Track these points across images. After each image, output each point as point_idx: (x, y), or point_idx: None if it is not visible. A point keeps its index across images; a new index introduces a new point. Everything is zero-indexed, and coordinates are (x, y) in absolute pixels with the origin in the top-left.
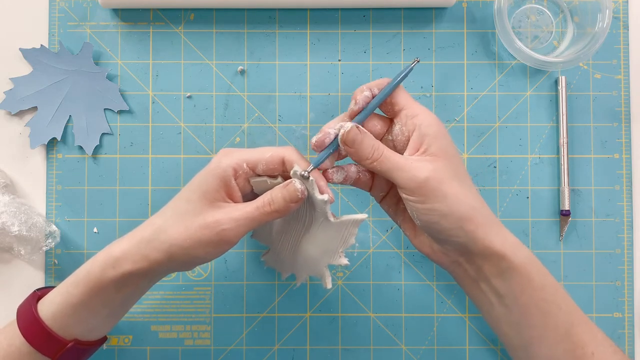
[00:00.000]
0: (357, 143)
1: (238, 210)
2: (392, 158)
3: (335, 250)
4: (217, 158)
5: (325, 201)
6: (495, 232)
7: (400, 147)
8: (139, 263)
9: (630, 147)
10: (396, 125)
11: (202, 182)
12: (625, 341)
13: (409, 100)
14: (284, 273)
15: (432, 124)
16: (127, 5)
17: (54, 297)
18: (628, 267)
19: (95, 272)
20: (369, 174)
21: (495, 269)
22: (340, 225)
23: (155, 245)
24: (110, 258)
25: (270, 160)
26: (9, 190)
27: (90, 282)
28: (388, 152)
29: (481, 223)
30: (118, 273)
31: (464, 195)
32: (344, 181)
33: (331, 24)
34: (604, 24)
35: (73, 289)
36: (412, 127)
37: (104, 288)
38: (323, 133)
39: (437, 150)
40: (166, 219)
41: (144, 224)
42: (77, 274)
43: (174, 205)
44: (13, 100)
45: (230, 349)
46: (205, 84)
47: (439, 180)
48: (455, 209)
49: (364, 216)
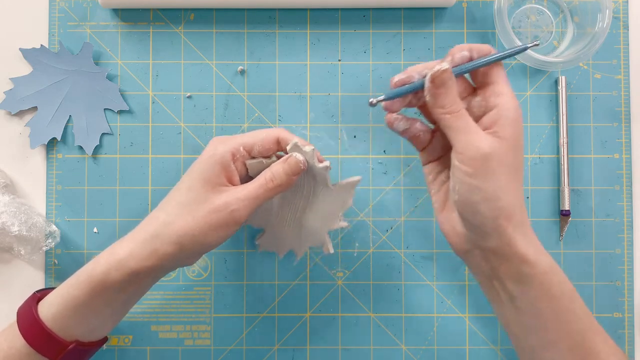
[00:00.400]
0: (446, 87)
1: (242, 190)
2: (466, 118)
3: (335, 215)
4: (212, 146)
5: (326, 167)
6: (524, 236)
7: (473, 119)
8: (147, 260)
9: (630, 147)
10: (478, 96)
11: (203, 170)
12: (626, 341)
13: (501, 77)
14: (282, 251)
15: (513, 108)
16: (127, 5)
17: (55, 298)
18: (628, 267)
19: (99, 272)
20: (430, 134)
21: (513, 272)
22: (339, 189)
23: (163, 238)
24: (114, 258)
25: (266, 140)
26: (9, 190)
27: (93, 282)
28: (464, 112)
29: (515, 222)
30: (123, 273)
31: (514, 188)
32: (402, 133)
33: (331, 24)
34: (604, 24)
35: (74, 290)
36: (493, 105)
37: (107, 288)
38: (407, 74)
39: (508, 135)
40: (169, 211)
41: (145, 221)
42: (79, 275)
43: (175, 196)
44: (13, 100)
45: (230, 349)
46: (205, 84)
47: (499, 161)
48: (500, 197)
49: (359, 177)
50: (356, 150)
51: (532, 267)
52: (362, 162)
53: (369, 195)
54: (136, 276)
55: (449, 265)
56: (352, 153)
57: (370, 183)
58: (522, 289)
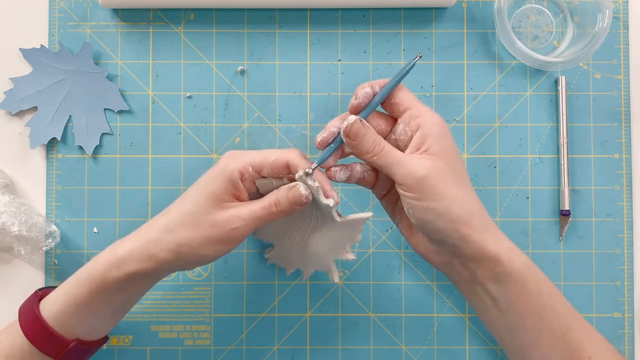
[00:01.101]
0: (360, 136)
1: (245, 209)
2: (392, 153)
3: (342, 247)
4: (224, 161)
5: (329, 205)
6: (491, 237)
7: (402, 147)
8: (145, 263)
9: (630, 147)
10: (400, 124)
11: (209, 184)
12: (626, 341)
13: (413, 100)
14: (290, 269)
15: (435, 124)
16: (127, 5)
17: (56, 296)
18: (628, 267)
19: (99, 271)
20: (373, 173)
21: (489, 274)
22: (346, 224)
23: (162, 245)
24: (114, 258)
25: (275, 164)
26: (9, 190)
27: (93, 281)
28: (389, 147)
29: (477, 227)
30: (122, 273)
31: (462, 197)
32: (347, 180)
33: (331, 24)
34: (604, 24)
35: (75, 289)
36: (415, 127)
37: (107, 288)
38: (328, 132)
39: (438, 151)
40: (172, 219)
41: (148, 224)
42: (80, 273)
43: (180, 205)
44: (13, 100)
45: (230, 349)
46: (205, 84)
47: (438, 179)
48: (452, 210)
49: (369, 214)
50: None
51: (504, 266)
52: (362, 162)
53: (369, 195)
54: (134, 277)
55: None
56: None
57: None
58: (500, 290)
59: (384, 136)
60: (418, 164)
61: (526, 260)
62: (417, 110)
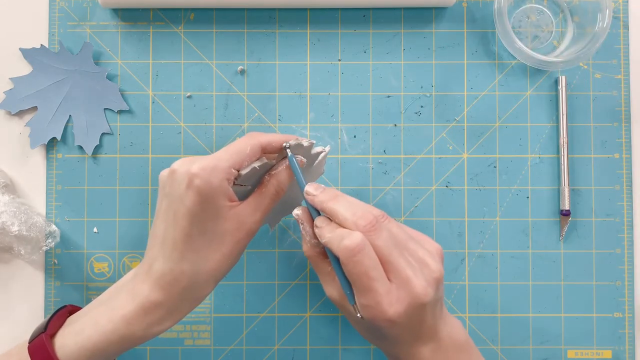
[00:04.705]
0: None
1: (252, 208)
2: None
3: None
4: (204, 178)
5: (325, 153)
6: (438, 345)
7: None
8: (187, 309)
9: (630, 147)
10: None
11: (205, 209)
12: (626, 341)
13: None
14: (273, 224)
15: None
16: (127, 5)
17: (73, 341)
18: (628, 267)
19: (136, 336)
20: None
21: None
22: (318, 166)
23: (197, 292)
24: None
25: (252, 152)
26: (9, 190)
27: (125, 342)
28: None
29: (425, 340)
30: (151, 333)
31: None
32: None
33: (331, 24)
34: (604, 23)
35: (106, 346)
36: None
37: (135, 343)
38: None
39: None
40: (193, 262)
41: (172, 282)
42: (105, 324)
43: (190, 246)
44: (13, 100)
45: (230, 349)
46: (205, 83)
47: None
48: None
49: (328, 148)
50: (356, 150)
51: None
52: (362, 162)
53: (369, 195)
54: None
55: (449, 265)
56: (352, 153)
57: (370, 183)
58: None
59: None
60: (390, 302)
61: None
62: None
